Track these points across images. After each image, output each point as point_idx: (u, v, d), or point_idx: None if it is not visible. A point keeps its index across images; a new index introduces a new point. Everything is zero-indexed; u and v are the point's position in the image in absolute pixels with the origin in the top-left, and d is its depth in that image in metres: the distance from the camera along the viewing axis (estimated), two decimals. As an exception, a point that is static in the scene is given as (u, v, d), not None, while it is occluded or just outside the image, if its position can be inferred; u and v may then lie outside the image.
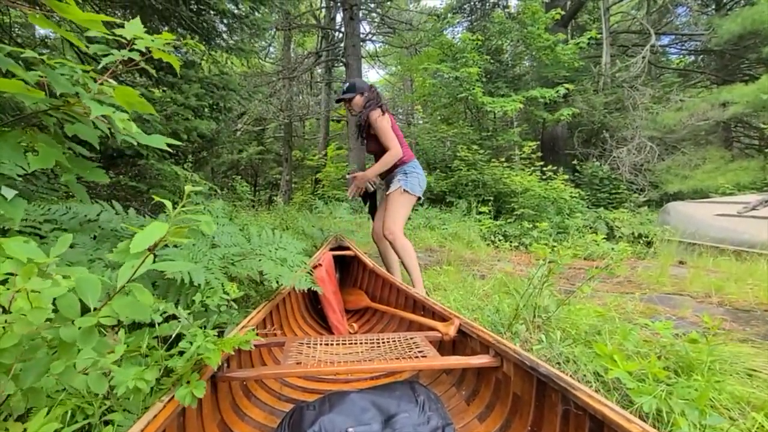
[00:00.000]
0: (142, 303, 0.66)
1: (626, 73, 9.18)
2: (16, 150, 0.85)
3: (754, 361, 1.72)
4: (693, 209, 5.35)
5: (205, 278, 1.49)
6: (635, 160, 8.39)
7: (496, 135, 8.52)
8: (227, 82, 3.35)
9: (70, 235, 0.68)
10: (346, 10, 11.10)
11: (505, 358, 1.41)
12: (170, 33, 4.20)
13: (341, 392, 1.26)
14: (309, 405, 1.22)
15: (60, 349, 0.61)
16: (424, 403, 1.24)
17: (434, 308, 1.95)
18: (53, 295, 0.59)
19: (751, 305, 2.68)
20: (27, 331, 0.57)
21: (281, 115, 13.22)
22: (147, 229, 0.67)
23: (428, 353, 1.52)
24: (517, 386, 1.35)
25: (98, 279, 0.64)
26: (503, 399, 1.41)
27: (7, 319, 0.57)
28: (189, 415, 1.14)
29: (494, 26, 8.70)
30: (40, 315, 0.58)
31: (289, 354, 1.52)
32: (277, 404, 1.56)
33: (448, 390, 1.63)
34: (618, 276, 3.59)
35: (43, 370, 0.60)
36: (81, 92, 1.00)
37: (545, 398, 1.24)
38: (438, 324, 1.79)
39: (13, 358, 0.58)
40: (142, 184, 2.53)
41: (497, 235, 6.06)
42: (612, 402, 1.01)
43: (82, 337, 0.60)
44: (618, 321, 2.06)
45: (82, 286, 0.62)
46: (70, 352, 0.61)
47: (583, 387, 1.09)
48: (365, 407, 1.20)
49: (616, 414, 0.97)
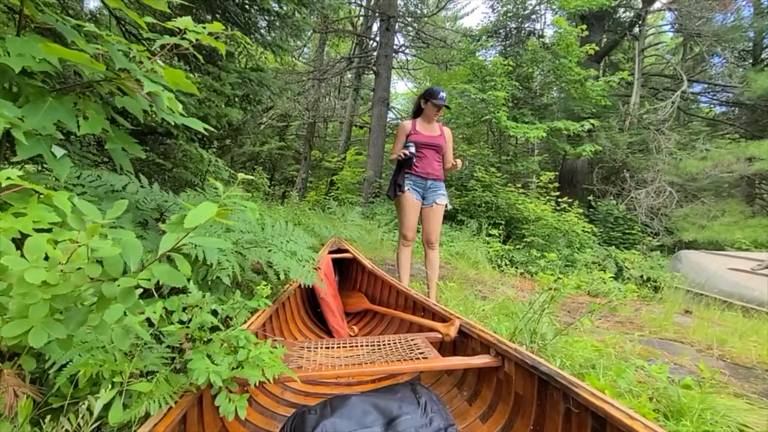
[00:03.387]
0: (180, 271, 0.71)
1: (654, 115, 9.13)
2: (70, 113, 0.92)
3: (746, 416, 1.70)
4: (706, 260, 5.28)
5: (218, 259, 1.55)
6: (653, 203, 8.31)
7: (515, 160, 8.53)
8: (261, 77, 3.46)
9: (126, 201, 0.74)
10: (383, 21, 11.31)
11: (506, 358, 1.42)
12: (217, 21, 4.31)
13: (342, 396, 1.26)
14: (310, 409, 1.22)
15: (99, 304, 0.66)
16: (426, 405, 1.24)
17: (434, 309, 1.95)
18: (107, 255, 0.65)
19: (752, 362, 2.64)
20: (82, 283, 0.63)
21: (306, 114, 13.43)
22: (199, 207, 0.72)
23: (429, 354, 1.54)
24: (518, 385, 1.36)
25: (140, 245, 0.70)
26: (505, 398, 1.41)
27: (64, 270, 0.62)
28: (190, 422, 1.15)
29: (527, 54, 8.77)
30: (94, 270, 0.64)
31: (289, 358, 1.54)
32: (279, 409, 1.57)
33: (450, 391, 1.64)
34: (620, 315, 3.56)
35: (83, 320, 0.66)
36: (134, 68, 1.07)
37: (547, 397, 1.24)
38: (438, 325, 1.80)
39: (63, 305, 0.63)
40: (168, 162, 2.62)
41: (504, 259, 6.04)
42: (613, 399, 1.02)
43: (122, 295, 0.65)
44: (614, 358, 2.06)
45: (127, 249, 0.67)
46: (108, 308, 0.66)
47: (585, 385, 1.10)
48: (367, 410, 1.20)
49: (618, 411, 0.98)
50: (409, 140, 2.89)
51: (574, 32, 8.02)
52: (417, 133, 2.93)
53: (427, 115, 2.97)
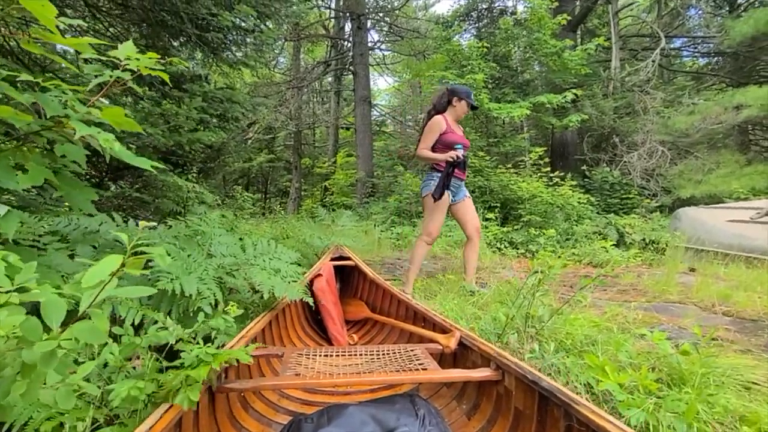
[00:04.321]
0: (98, 328, 0.69)
1: (636, 77, 9.06)
2: (7, 170, 0.90)
3: (753, 373, 1.67)
4: (704, 215, 5.24)
5: (198, 288, 1.53)
6: (646, 164, 8.25)
7: (503, 141, 8.49)
8: (231, 95, 3.43)
9: (35, 263, 0.72)
10: (354, 20, 11.26)
11: (507, 372, 1.39)
12: (181, 47, 4.25)
13: (340, 405, 1.25)
14: (307, 418, 1.21)
15: (23, 371, 0.64)
16: (424, 417, 1.23)
17: (435, 320, 1.93)
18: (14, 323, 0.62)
19: (758, 315, 2.61)
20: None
21: (290, 124, 13.40)
22: (101, 262, 0.70)
23: (428, 366, 1.51)
24: (518, 400, 1.33)
25: (64, 302, 0.67)
26: (504, 413, 1.38)
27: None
28: (185, 428, 1.13)
29: (501, 33, 8.70)
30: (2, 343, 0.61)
31: (287, 365, 1.52)
32: (275, 416, 1.55)
33: (449, 404, 1.61)
34: (623, 283, 3.53)
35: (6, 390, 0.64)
36: (71, 113, 1.05)
37: (547, 413, 1.22)
38: (438, 336, 1.78)
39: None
40: (146, 195, 2.60)
41: (503, 242, 6.01)
42: (614, 418, 0.99)
43: (43, 360, 0.63)
44: (616, 331, 2.03)
45: (48, 308, 0.65)
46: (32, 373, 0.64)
47: (586, 402, 1.07)
48: (364, 420, 1.18)
49: (620, 430, 0.95)
50: (444, 138, 2.89)
51: (544, 5, 7.96)
52: (453, 132, 2.94)
53: (457, 114, 3.00)
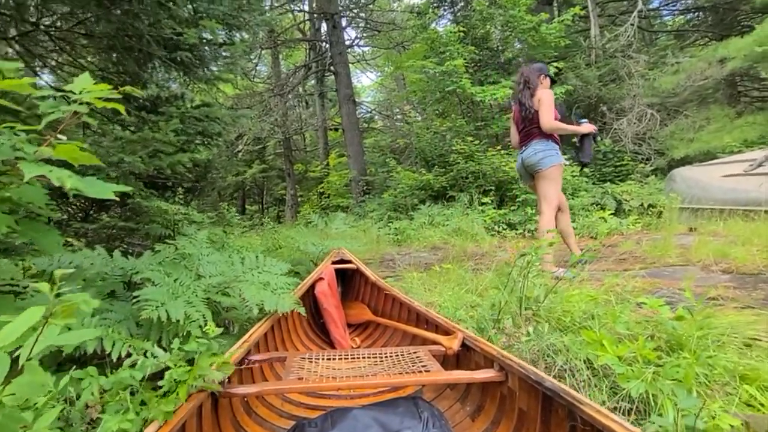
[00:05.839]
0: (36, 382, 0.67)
1: (617, 42, 8.98)
2: (-37, 221, 0.89)
3: (753, 329, 1.66)
4: (699, 173, 5.21)
5: (185, 312, 1.52)
6: (637, 129, 8.19)
7: (490, 123, 8.44)
8: (208, 111, 3.40)
9: None
10: (328, 20, 11.18)
11: (510, 372, 1.37)
12: (153, 70, 4.18)
13: (343, 409, 1.24)
14: (311, 422, 1.20)
15: None
16: (428, 420, 1.22)
17: (437, 321, 1.92)
18: None
19: (758, 268, 2.59)
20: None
21: (277, 132, 13.36)
22: (18, 318, 0.67)
23: (431, 367, 1.50)
24: (522, 401, 1.32)
25: (7, 357, 0.66)
26: (509, 414, 1.37)
27: None
28: None
29: (476, 14, 8.63)
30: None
31: (290, 369, 1.51)
32: (279, 421, 1.54)
33: (453, 405, 1.60)
34: (622, 251, 3.51)
35: None
36: (24, 155, 1.03)
37: (551, 414, 1.20)
38: (441, 338, 1.77)
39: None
40: (132, 222, 2.59)
41: (501, 225, 6.00)
42: (618, 416, 0.97)
43: None
44: (614, 302, 2.02)
45: None
46: None
47: (590, 402, 1.06)
48: (368, 424, 1.18)
49: (625, 430, 0.94)
50: None
51: (514, -19, 7.88)
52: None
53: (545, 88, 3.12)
